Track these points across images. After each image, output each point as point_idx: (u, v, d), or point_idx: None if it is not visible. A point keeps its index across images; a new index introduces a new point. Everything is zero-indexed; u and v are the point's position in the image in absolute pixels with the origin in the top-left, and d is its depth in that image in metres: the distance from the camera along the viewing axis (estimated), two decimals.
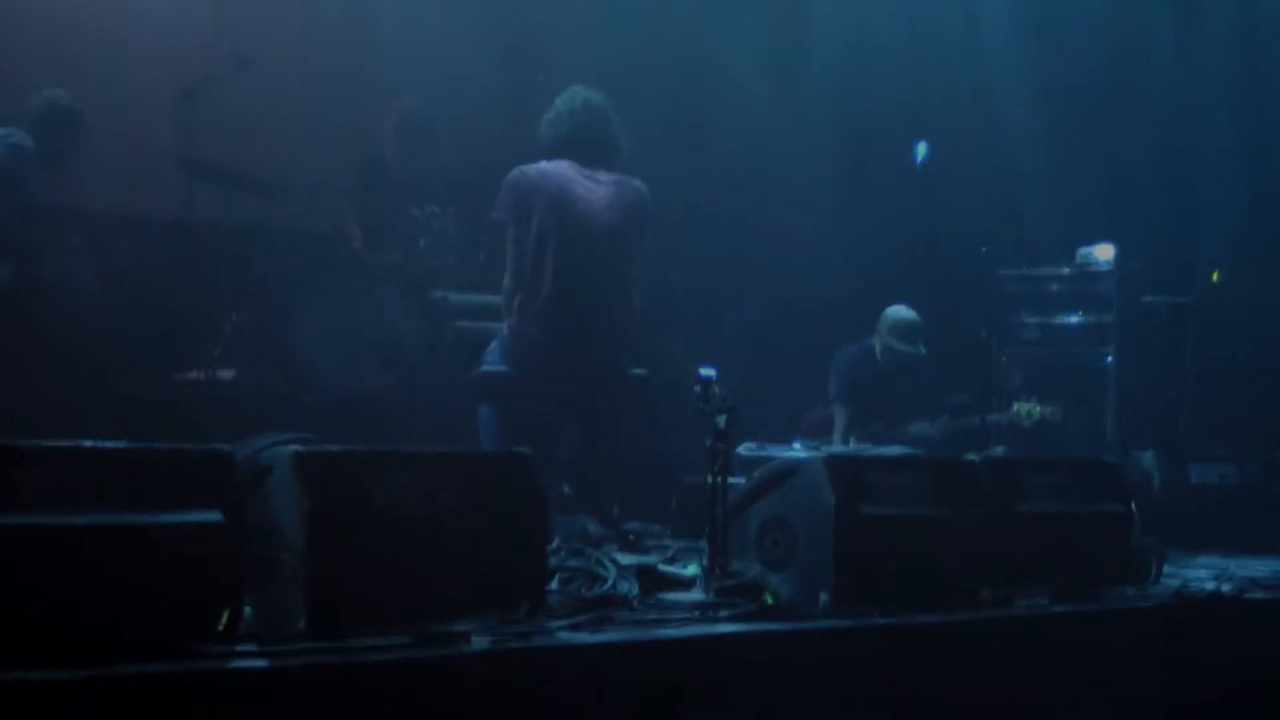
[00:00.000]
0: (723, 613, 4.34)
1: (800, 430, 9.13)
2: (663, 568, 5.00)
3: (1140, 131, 10.27)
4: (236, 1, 9.16)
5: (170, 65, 8.44)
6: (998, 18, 10.64)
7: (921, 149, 9.39)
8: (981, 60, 10.59)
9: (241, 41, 8.35)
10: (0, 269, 7.66)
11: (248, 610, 3.53)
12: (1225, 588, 5.43)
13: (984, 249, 9.47)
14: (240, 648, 3.34)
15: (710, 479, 4.71)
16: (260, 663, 3.26)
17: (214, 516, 3.42)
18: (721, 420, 4.77)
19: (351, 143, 9.30)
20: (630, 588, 4.44)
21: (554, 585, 4.35)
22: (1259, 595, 5.46)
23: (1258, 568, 6.23)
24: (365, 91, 9.20)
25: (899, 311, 9.37)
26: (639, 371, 6.97)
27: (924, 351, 9.31)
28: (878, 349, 9.36)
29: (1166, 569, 5.75)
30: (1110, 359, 9.42)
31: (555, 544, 4.77)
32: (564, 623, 3.92)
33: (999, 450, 8.31)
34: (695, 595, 4.65)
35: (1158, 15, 10.41)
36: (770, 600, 4.49)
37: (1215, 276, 9.45)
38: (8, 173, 7.74)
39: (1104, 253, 9.60)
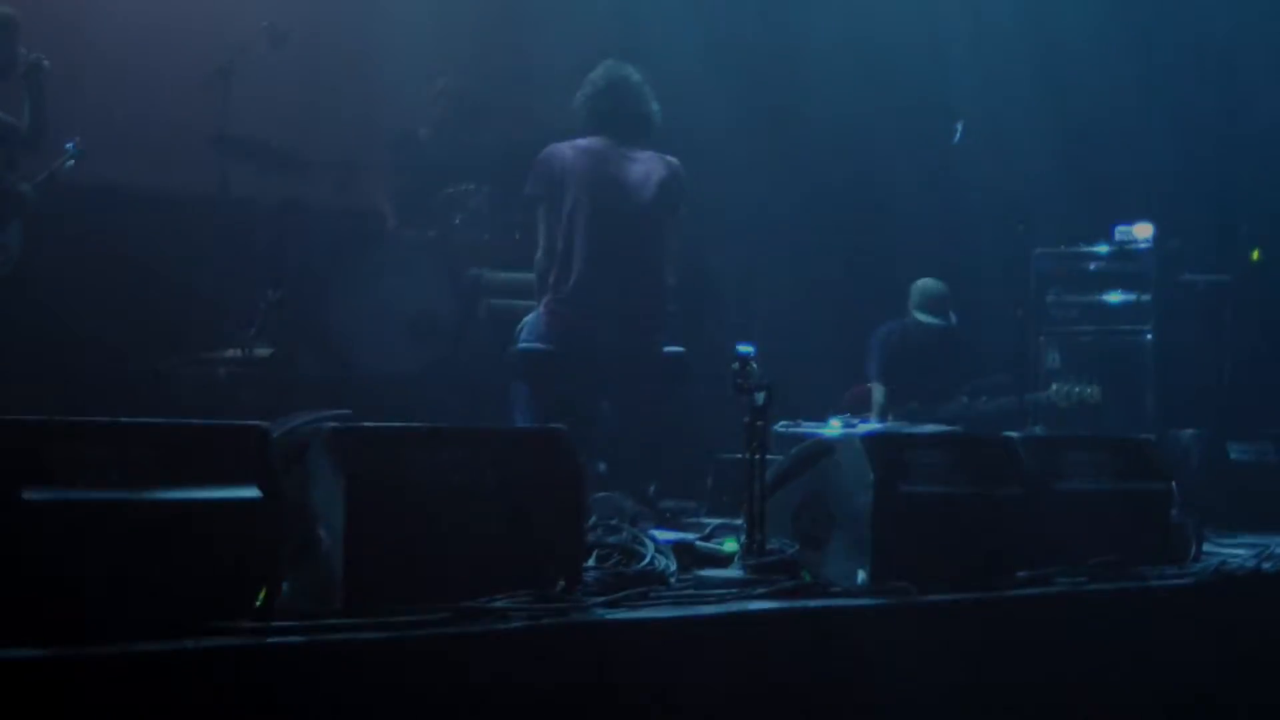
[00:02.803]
0: (760, 590, 4.31)
1: (840, 407, 9.10)
2: (700, 544, 4.99)
3: (1179, 108, 10.19)
4: None
5: (206, 42, 8.46)
6: None
7: (959, 128, 9.36)
8: (1023, 36, 10.51)
9: (277, 18, 8.35)
10: (10, 228, 7.64)
11: (285, 587, 3.53)
12: (1266, 565, 5.40)
13: (1021, 227, 9.43)
14: (277, 624, 3.33)
15: (748, 456, 4.70)
16: (298, 639, 3.25)
17: (252, 493, 3.40)
18: (759, 397, 4.75)
19: (387, 120, 9.31)
20: (668, 565, 4.41)
21: (591, 562, 4.34)
22: None
23: None
24: (400, 69, 9.20)
25: (924, 283, 9.38)
26: (675, 349, 6.94)
27: (954, 321, 9.29)
28: (910, 324, 9.35)
29: (1206, 547, 5.70)
30: (1149, 337, 9.37)
31: (592, 521, 4.77)
32: (602, 599, 3.90)
33: (1037, 429, 8.26)
34: (733, 572, 4.63)
35: None
36: (808, 577, 4.47)
37: (1255, 254, 9.39)
38: None
39: (1142, 231, 9.55)
